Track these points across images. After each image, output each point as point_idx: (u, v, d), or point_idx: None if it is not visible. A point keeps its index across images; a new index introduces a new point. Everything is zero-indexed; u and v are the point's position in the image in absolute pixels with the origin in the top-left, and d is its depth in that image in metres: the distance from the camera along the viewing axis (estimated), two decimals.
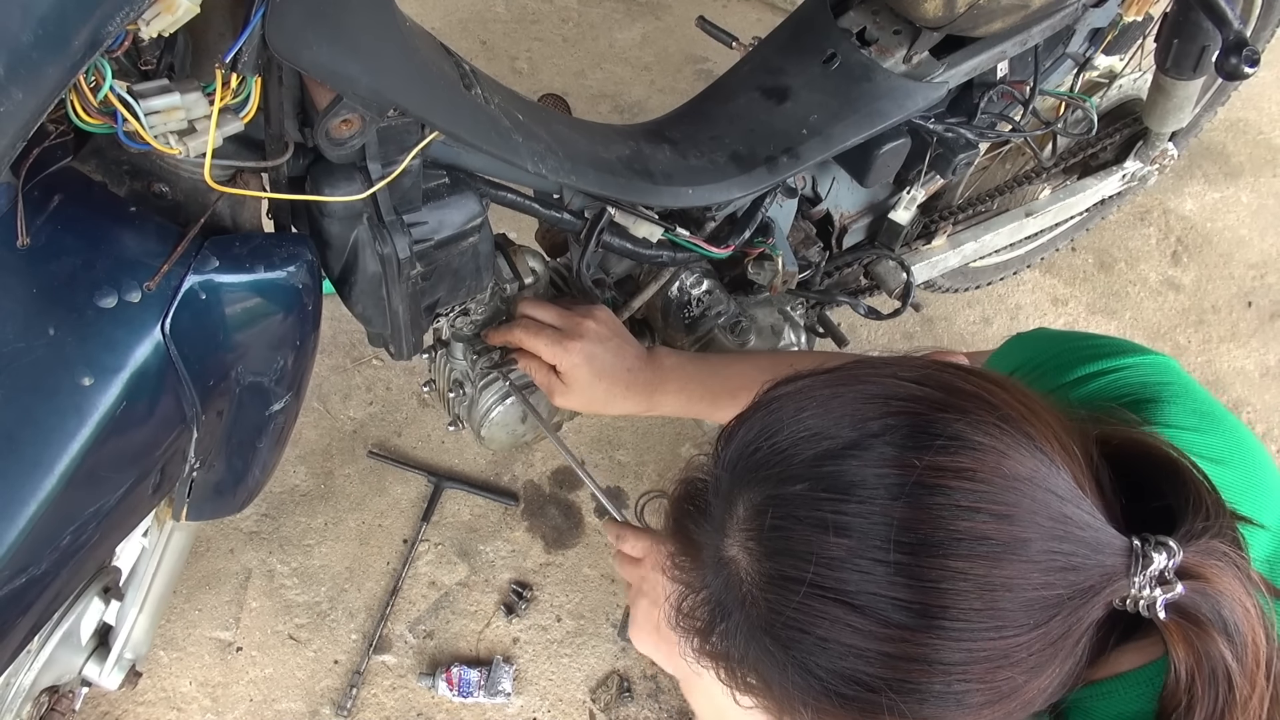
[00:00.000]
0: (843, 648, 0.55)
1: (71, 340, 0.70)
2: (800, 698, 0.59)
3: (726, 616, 0.62)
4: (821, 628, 0.56)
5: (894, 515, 0.54)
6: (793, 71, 1.18)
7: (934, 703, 0.55)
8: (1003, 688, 0.56)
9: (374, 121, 0.77)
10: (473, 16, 2.42)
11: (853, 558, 0.54)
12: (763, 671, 0.61)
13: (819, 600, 0.55)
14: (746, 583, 0.59)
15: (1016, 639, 0.55)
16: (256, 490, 0.97)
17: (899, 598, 0.54)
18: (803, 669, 0.57)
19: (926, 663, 0.54)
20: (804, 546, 0.56)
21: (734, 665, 0.63)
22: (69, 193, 0.73)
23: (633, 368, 1.08)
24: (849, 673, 0.56)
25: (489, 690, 1.48)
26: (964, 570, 0.53)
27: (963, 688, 0.55)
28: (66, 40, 0.55)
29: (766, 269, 1.22)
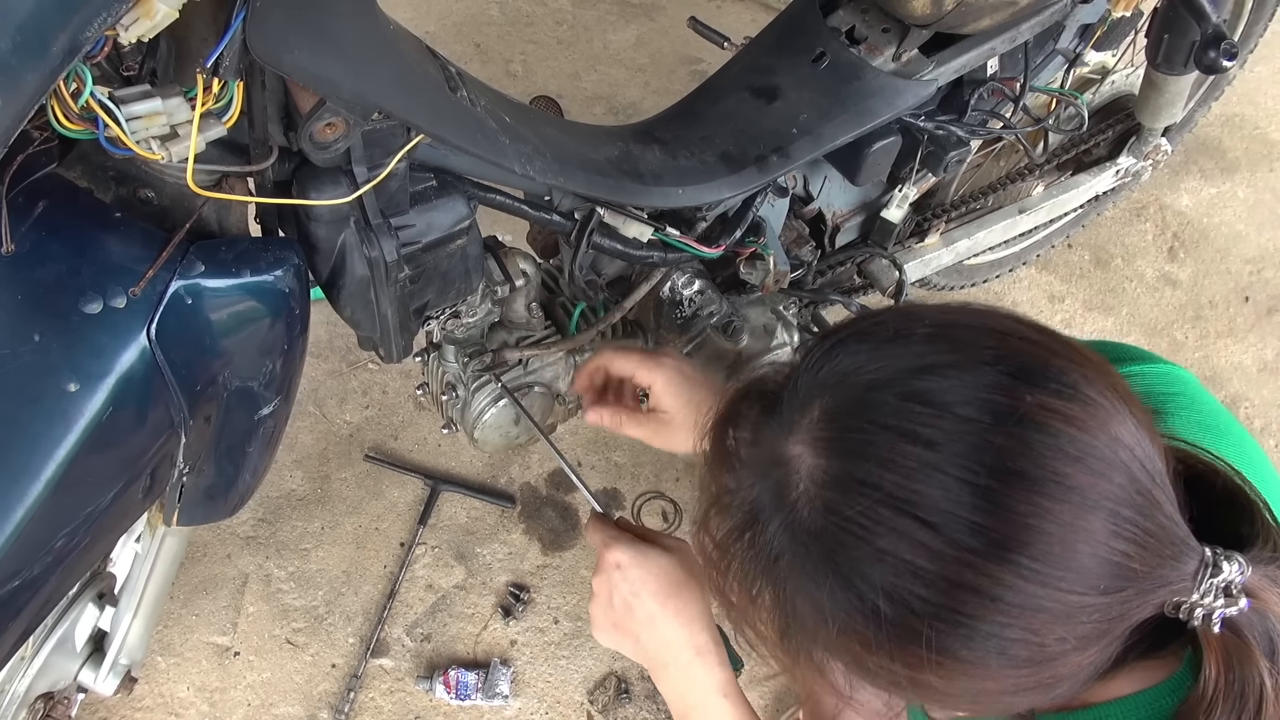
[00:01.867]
0: (901, 564, 0.53)
1: (57, 346, 0.70)
2: (826, 617, 0.56)
3: (763, 522, 0.59)
4: (883, 539, 0.53)
5: (993, 440, 0.52)
6: (782, 71, 1.18)
7: (977, 645, 0.54)
8: (1049, 649, 0.54)
9: (358, 125, 0.77)
10: (467, 20, 2.43)
11: (936, 472, 0.52)
12: (788, 586, 0.58)
13: (889, 509, 0.53)
14: (805, 482, 0.57)
15: (1082, 599, 0.53)
16: (248, 495, 0.97)
17: (979, 522, 0.52)
18: (845, 581, 0.55)
19: (988, 597, 0.52)
20: (884, 452, 0.54)
21: (752, 579, 0.61)
22: (53, 199, 0.73)
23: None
24: (899, 592, 0.53)
25: (487, 693, 1.48)
26: (1053, 511, 0.52)
27: (1013, 636, 0.53)
28: (45, 46, 0.55)
29: (758, 268, 1.22)
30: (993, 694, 0.57)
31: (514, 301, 1.16)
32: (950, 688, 0.56)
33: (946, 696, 0.58)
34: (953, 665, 0.55)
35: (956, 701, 0.59)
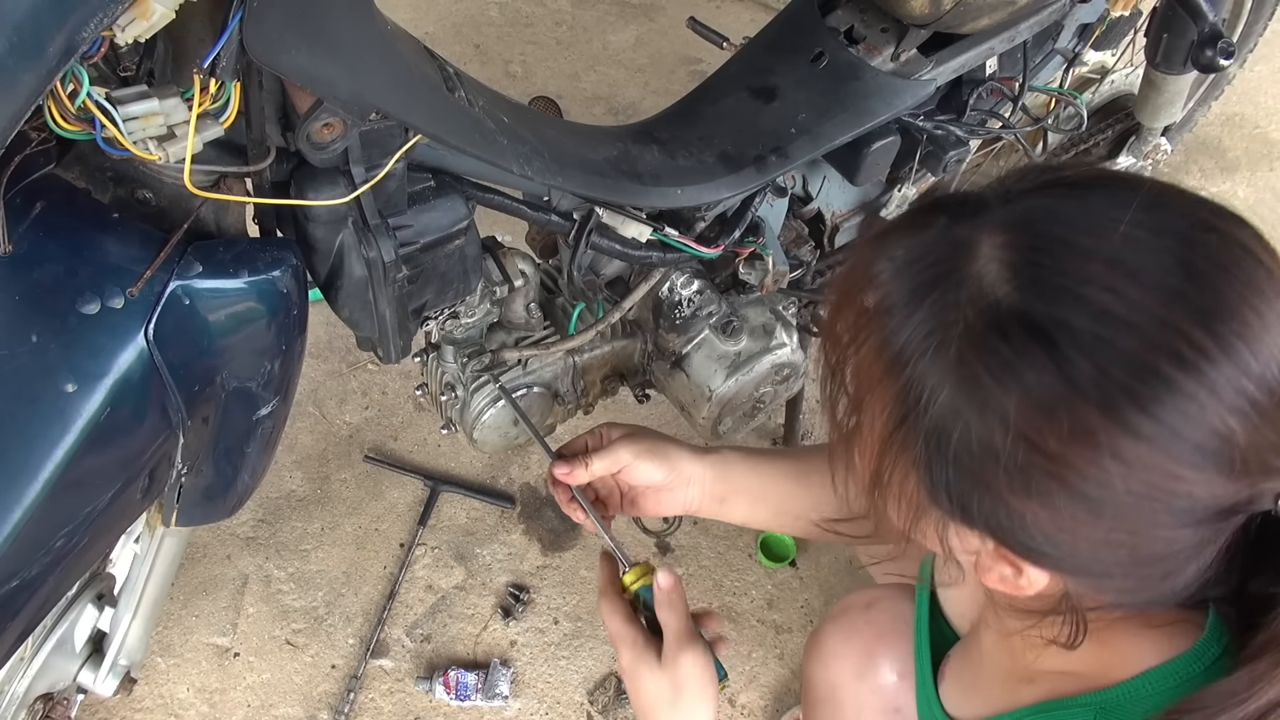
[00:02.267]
0: (1105, 317, 0.53)
1: (54, 346, 0.70)
2: (963, 411, 0.56)
3: (922, 301, 0.58)
4: (1087, 298, 0.53)
5: (1201, 237, 0.55)
6: (781, 71, 1.18)
7: (1151, 438, 0.53)
8: (1170, 490, 0.54)
9: (356, 125, 0.77)
10: (466, 21, 2.43)
11: (1143, 248, 0.54)
12: (932, 373, 0.56)
13: (1098, 265, 0.54)
14: (989, 257, 0.56)
15: (1245, 403, 0.53)
16: (246, 495, 0.97)
17: (1187, 290, 0.53)
18: (1010, 366, 0.54)
19: (1189, 365, 0.52)
20: (1084, 226, 0.55)
21: (886, 364, 0.59)
22: (51, 200, 0.74)
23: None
24: (1118, 351, 0.52)
25: (486, 693, 1.48)
26: (1254, 304, 0.53)
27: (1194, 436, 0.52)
28: (41, 47, 0.55)
29: (757, 268, 1.22)
30: (1087, 530, 0.56)
31: (513, 302, 1.16)
32: (1054, 514, 0.55)
33: (1036, 532, 0.57)
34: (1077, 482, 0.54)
35: (1044, 539, 0.57)
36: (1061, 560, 0.58)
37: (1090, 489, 0.54)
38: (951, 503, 0.59)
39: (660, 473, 0.99)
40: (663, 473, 0.99)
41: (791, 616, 1.59)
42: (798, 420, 1.72)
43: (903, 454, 0.60)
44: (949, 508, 0.60)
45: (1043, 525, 0.56)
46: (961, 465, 0.57)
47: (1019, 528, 0.57)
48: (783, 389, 1.32)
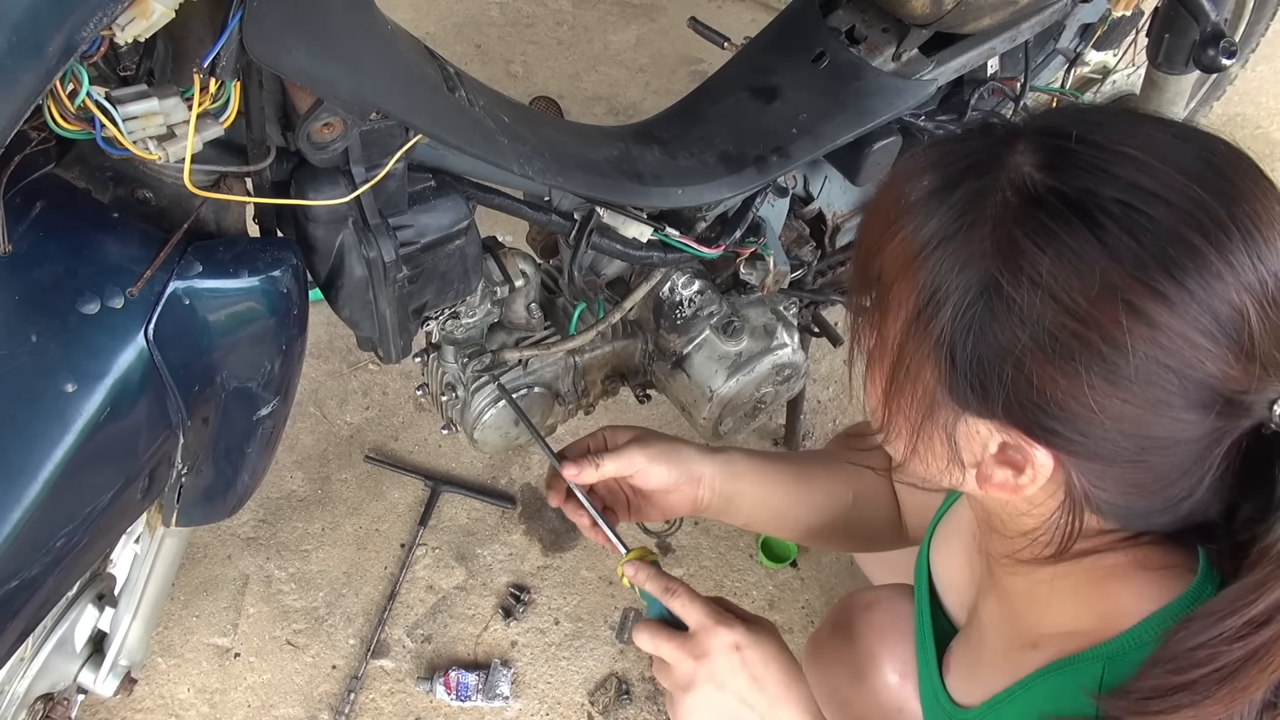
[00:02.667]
0: (1134, 208, 0.57)
1: (54, 346, 0.70)
2: (992, 290, 0.59)
3: (955, 189, 0.61)
4: (1116, 176, 0.58)
5: (1216, 165, 0.59)
6: (782, 70, 1.18)
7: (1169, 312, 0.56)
8: (1183, 377, 0.57)
9: (356, 125, 0.77)
10: (467, 21, 2.43)
11: (1167, 152, 0.59)
12: (960, 256, 0.60)
13: (1122, 156, 0.58)
14: (1026, 155, 0.60)
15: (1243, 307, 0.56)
16: (246, 495, 0.97)
17: (1211, 179, 0.58)
18: (1038, 243, 0.57)
19: (1203, 253, 0.56)
20: (1113, 134, 0.60)
21: (918, 249, 0.61)
22: (51, 199, 0.73)
23: None
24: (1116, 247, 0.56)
25: (487, 694, 1.48)
26: (1268, 208, 0.59)
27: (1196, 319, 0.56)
28: (40, 46, 0.55)
29: (758, 269, 1.22)
30: (1104, 401, 0.58)
31: (513, 302, 1.16)
32: (1074, 382, 0.57)
33: (1054, 405, 0.59)
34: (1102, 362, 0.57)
35: (1060, 413, 0.59)
36: (1073, 439, 0.60)
37: (1113, 353, 0.56)
38: (969, 389, 0.61)
39: (673, 475, 0.98)
40: (675, 475, 0.98)
41: (793, 617, 1.59)
42: (799, 420, 1.72)
43: (923, 342, 0.62)
44: (965, 396, 0.61)
45: (1062, 396, 0.58)
46: (987, 340, 0.59)
47: (1038, 401, 0.59)
48: (784, 389, 1.32)
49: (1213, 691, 0.57)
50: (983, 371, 0.60)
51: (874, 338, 0.68)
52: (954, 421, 0.64)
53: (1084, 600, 0.69)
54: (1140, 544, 0.67)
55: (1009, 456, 0.63)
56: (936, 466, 0.68)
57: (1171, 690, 0.58)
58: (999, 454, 0.63)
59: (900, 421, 0.67)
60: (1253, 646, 0.57)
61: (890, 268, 0.64)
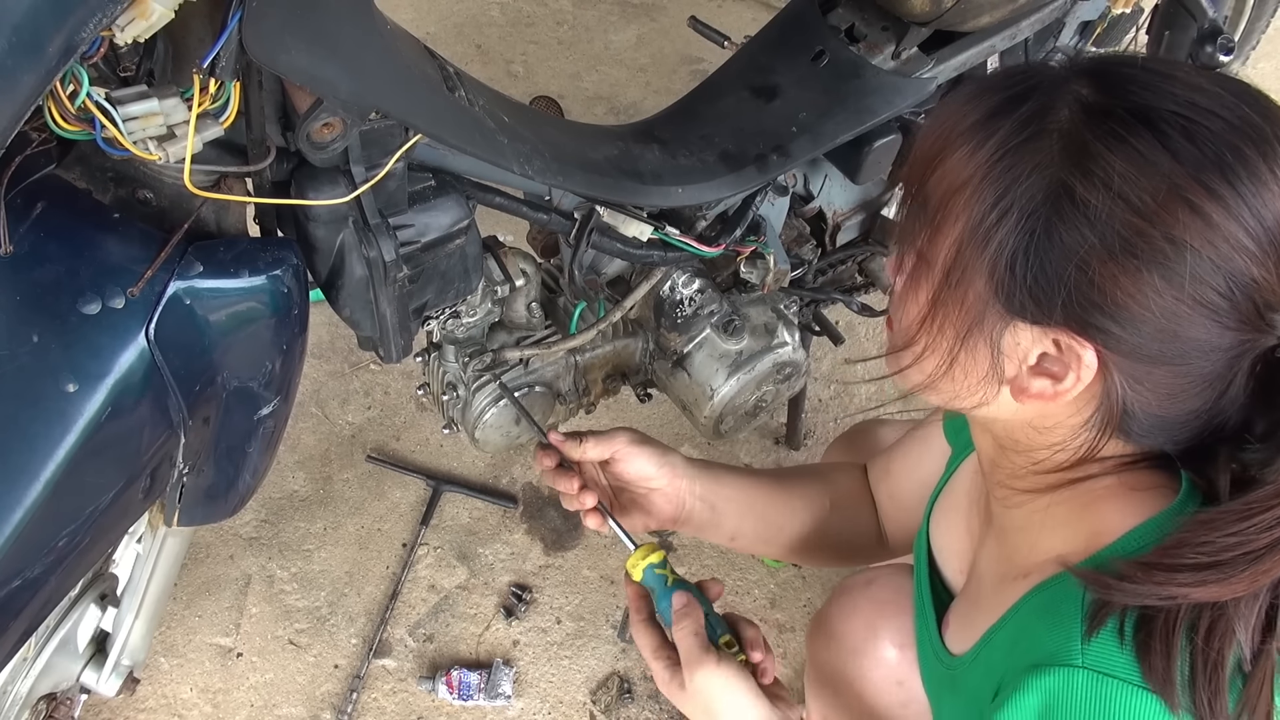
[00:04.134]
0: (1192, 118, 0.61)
1: (55, 347, 0.70)
2: (1061, 191, 0.62)
3: (1014, 110, 0.65)
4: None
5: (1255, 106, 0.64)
6: (781, 69, 1.18)
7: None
8: (1222, 287, 0.61)
9: (356, 125, 0.77)
10: (468, 21, 2.43)
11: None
12: (1022, 168, 0.63)
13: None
14: (1077, 84, 0.65)
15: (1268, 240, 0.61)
16: (248, 495, 0.97)
17: (1255, 114, 0.63)
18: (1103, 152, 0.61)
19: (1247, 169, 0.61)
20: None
21: (984, 162, 0.65)
22: (52, 200, 0.74)
23: None
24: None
25: (489, 693, 1.48)
26: None
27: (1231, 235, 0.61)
28: (40, 47, 0.56)
29: (759, 267, 1.22)
30: (1156, 298, 0.62)
31: (514, 301, 1.17)
32: (1133, 278, 0.61)
33: (1110, 301, 0.62)
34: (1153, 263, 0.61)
35: (1115, 309, 0.63)
36: (1124, 338, 0.63)
37: (1172, 250, 0.61)
38: (1028, 294, 0.64)
39: (654, 465, 1.00)
40: (656, 465, 1.00)
41: (794, 615, 1.59)
42: (800, 419, 1.72)
43: (981, 252, 0.65)
44: (1020, 302, 0.65)
45: (1121, 294, 0.62)
46: (1053, 243, 0.63)
47: (1096, 300, 0.63)
48: (785, 388, 1.32)
49: (1239, 572, 0.62)
50: (1044, 275, 0.63)
51: (914, 259, 0.71)
52: (1001, 330, 0.67)
53: (1074, 524, 0.72)
54: (1132, 468, 0.71)
55: (1046, 367, 0.67)
56: (972, 381, 0.70)
57: (1200, 568, 0.63)
58: (1037, 365, 0.67)
59: (943, 335, 0.69)
60: (1278, 535, 0.62)
61: (943, 188, 0.67)
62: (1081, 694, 0.62)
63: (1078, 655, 0.63)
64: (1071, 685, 0.63)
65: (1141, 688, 0.61)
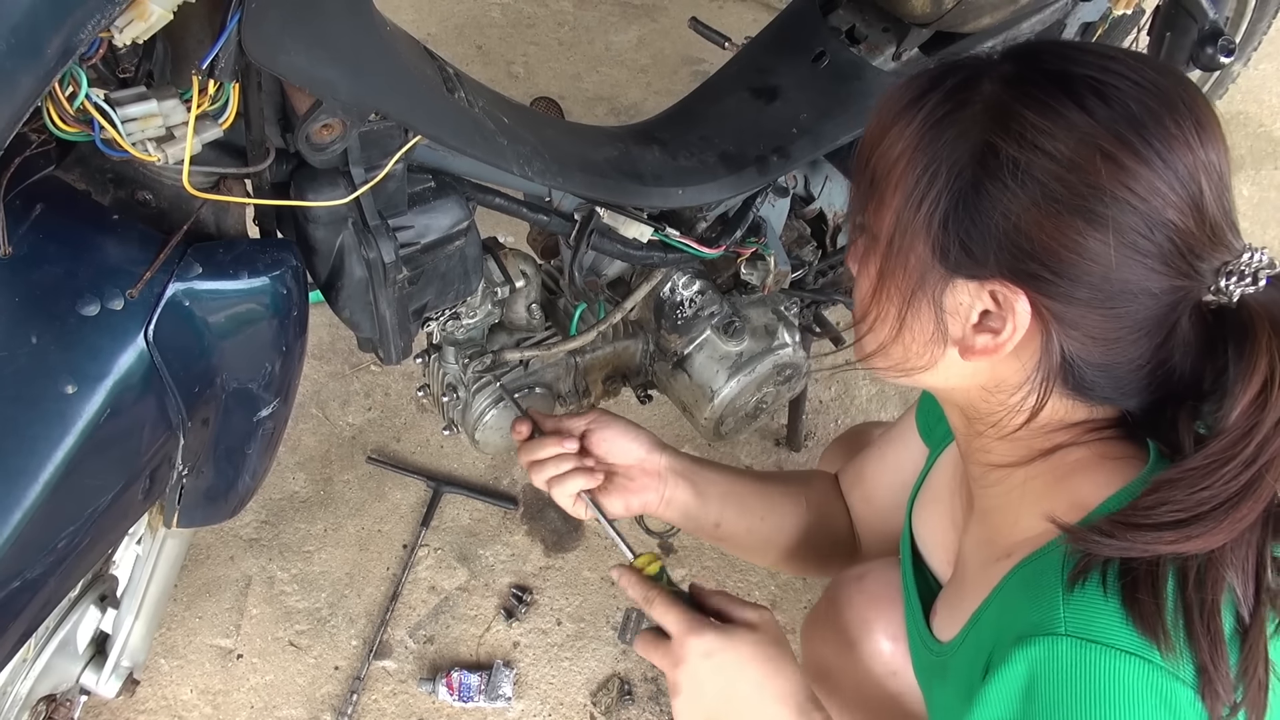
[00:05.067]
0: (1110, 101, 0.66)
1: (54, 348, 0.70)
2: (985, 169, 0.67)
3: (942, 88, 0.70)
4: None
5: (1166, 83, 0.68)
6: (782, 71, 1.18)
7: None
8: (1148, 245, 0.65)
9: (355, 126, 0.77)
10: (469, 21, 2.43)
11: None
12: (954, 146, 0.68)
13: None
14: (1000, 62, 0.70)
15: (1181, 203, 0.65)
16: (248, 496, 0.97)
17: (1166, 87, 0.67)
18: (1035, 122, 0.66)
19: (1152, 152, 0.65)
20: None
21: (908, 145, 0.69)
22: (51, 201, 0.74)
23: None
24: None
25: (489, 694, 1.48)
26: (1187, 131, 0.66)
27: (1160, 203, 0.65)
28: (38, 48, 0.56)
29: (759, 269, 1.22)
30: (1082, 241, 0.66)
31: (514, 303, 1.16)
32: (1058, 223, 0.65)
33: (1039, 247, 0.66)
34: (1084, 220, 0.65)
35: (1045, 254, 0.66)
36: (1055, 282, 0.67)
37: (1092, 195, 0.65)
38: (961, 249, 0.69)
39: (633, 443, 1.01)
40: (635, 443, 1.01)
41: (795, 618, 1.58)
42: (801, 421, 1.72)
43: (917, 215, 0.69)
44: (956, 257, 0.69)
45: (1047, 239, 0.66)
46: (980, 199, 0.67)
47: (1025, 247, 0.66)
48: (785, 389, 1.32)
49: (1219, 523, 0.64)
50: (974, 228, 0.68)
51: (868, 239, 0.76)
52: (942, 290, 0.71)
53: (1050, 498, 0.73)
54: (1101, 438, 0.74)
55: (988, 324, 0.70)
56: (920, 343, 0.74)
57: (1180, 524, 0.65)
58: (979, 323, 0.71)
59: (890, 300, 0.74)
60: (1245, 480, 0.65)
61: (883, 164, 0.72)
62: (1066, 661, 0.64)
63: (1060, 624, 0.65)
64: (1055, 653, 0.64)
65: (1124, 652, 0.62)
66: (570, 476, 0.98)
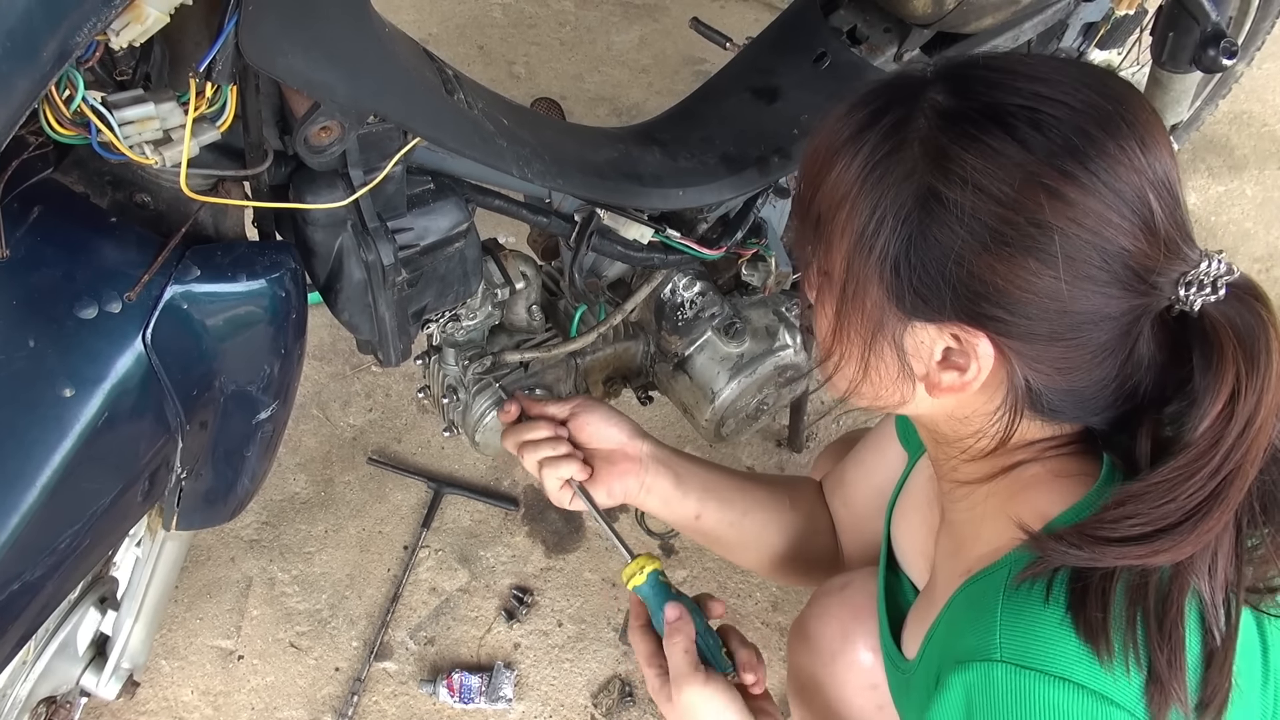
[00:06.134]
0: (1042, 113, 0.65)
1: (52, 352, 0.70)
2: (925, 205, 0.66)
3: (882, 126, 0.68)
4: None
5: (1097, 102, 0.66)
6: (783, 71, 1.18)
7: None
8: (1098, 265, 0.64)
9: (354, 128, 0.77)
10: (470, 22, 2.43)
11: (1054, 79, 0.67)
12: (893, 185, 0.66)
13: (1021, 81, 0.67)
14: (935, 90, 0.68)
15: (1130, 228, 0.64)
16: (247, 499, 0.97)
17: (1097, 110, 0.65)
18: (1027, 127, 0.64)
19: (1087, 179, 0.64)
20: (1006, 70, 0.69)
21: (852, 182, 0.68)
22: (49, 204, 0.74)
23: None
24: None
25: (490, 696, 1.47)
26: (1130, 151, 0.65)
27: (1085, 232, 0.64)
28: (35, 51, 0.55)
29: (760, 270, 1.22)
30: (1035, 281, 0.64)
31: (514, 304, 1.16)
32: (1010, 265, 0.64)
33: (992, 290, 0.65)
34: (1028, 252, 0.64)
35: (999, 296, 0.65)
36: (1012, 321, 0.66)
37: (1039, 234, 0.64)
38: (915, 294, 0.67)
39: (614, 428, 1.01)
40: (616, 428, 1.01)
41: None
42: (802, 422, 1.72)
43: (867, 261, 0.68)
44: (911, 303, 0.68)
45: (1000, 281, 0.65)
46: (928, 244, 0.66)
47: (979, 290, 0.65)
48: (786, 391, 1.31)
49: (1187, 533, 0.64)
50: (926, 274, 0.67)
51: (820, 276, 0.74)
52: (901, 332, 0.70)
53: (1005, 514, 0.73)
54: (1059, 454, 0.73)
55: (953, 360, 0.70)
56: (888, 382, 0.73)
57: (1148, 537, 0.65)
58: (943, 360, 0.70)
59: (851, 343, 0.73)
60: (1210, 490, 0.64)
61: (827, 205, 0.70)
62: (1000, 688, 0.64)
63: (996, 649, 0.65)
64: (991, 678, 0.64)
65: (1058, 678, 0.62)
66: (563, 461, 0.98)
